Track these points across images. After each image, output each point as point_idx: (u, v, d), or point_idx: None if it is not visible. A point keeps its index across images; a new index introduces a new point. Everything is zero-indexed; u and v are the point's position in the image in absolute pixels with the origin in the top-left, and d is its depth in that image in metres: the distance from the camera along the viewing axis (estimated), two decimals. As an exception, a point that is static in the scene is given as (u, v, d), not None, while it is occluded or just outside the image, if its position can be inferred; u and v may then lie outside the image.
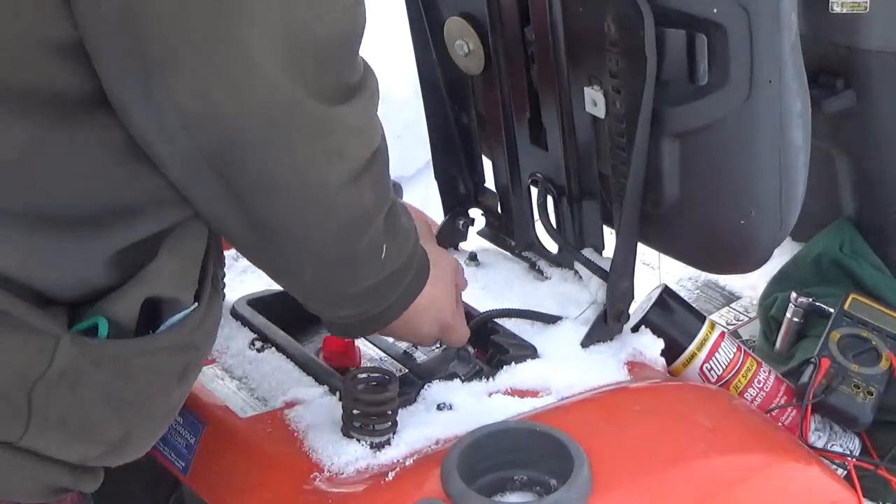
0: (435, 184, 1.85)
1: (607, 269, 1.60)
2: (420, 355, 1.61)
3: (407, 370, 1.56)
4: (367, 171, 1.22)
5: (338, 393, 1.49)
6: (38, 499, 1.21)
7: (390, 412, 1.40)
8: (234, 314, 1.66)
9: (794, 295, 1.91)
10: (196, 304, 1.25)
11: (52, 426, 1.17)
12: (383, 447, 1.39)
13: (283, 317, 1.62)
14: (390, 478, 1.34)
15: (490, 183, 1.83)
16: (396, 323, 1.40)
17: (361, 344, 1.63)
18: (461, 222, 1.87)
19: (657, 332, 1.65)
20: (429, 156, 1.84)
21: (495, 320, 1.63)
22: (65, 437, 1.18)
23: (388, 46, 2.37)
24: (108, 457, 1.23)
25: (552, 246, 1.79)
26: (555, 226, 1.73)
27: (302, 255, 1.26)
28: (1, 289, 1.14)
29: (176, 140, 1.14)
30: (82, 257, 1.18)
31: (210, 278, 1.29)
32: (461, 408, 1.47)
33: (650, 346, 1.63)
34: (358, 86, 1.19)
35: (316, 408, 1.48)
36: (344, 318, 1.38)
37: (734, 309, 2.30)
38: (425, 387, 1.50)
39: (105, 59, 1.11)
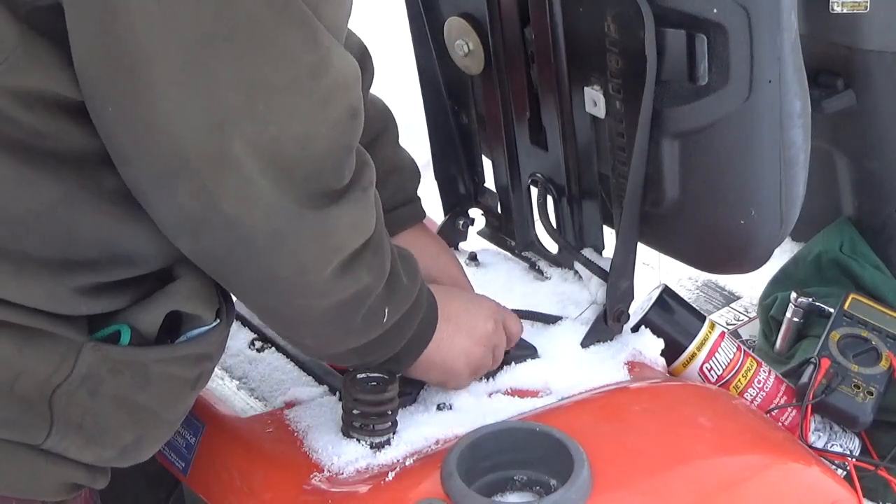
0: (435, 184, 1.85)
1: (607, 269, 1.60)
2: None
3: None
4: (361, 257, 1.24)
5: (338, 393, 1.49)
6: (59, 496, 1.25)
7: (390, 412, 1.40)
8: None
9: (794, 295, 1.91)
10: (218, 321, 1.29)
11: (72, 430, 1.20)
12: (383, 447, 1.39)
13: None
14: (390, 478, 1.34)
15: (490, 183, 1.82)
16: (420, 367, 1.42)
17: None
18: (461, 222, 1.87)
19: (657, 332, 1.65)
20: (429, 156, 1.84)
21: (495, 320, 1.63)
22: (83, 440, 1.21)
23: (389, 46, 2.36)
24: (119, 459, 1.26)
25: (552, 246, 1.79)
26: (555, 226, 1.73)
27: (300, 328, 1.32)
28: (26, 311, 1.16)
29: (179, 238, 1.19)
30: (98, 293, 1.21)
31: (230, 296, 1.32)
32: (461, 408, 1.47)
33: (650, 346, 1.63)
34: (350, 185, 1.22)
35: (316, 408, 1.48)
36: (354, 364, 1.40)
37: (734, 309, 2.30)
38: (425, 387, 1.50)
39: (113, 152, 1.15)
